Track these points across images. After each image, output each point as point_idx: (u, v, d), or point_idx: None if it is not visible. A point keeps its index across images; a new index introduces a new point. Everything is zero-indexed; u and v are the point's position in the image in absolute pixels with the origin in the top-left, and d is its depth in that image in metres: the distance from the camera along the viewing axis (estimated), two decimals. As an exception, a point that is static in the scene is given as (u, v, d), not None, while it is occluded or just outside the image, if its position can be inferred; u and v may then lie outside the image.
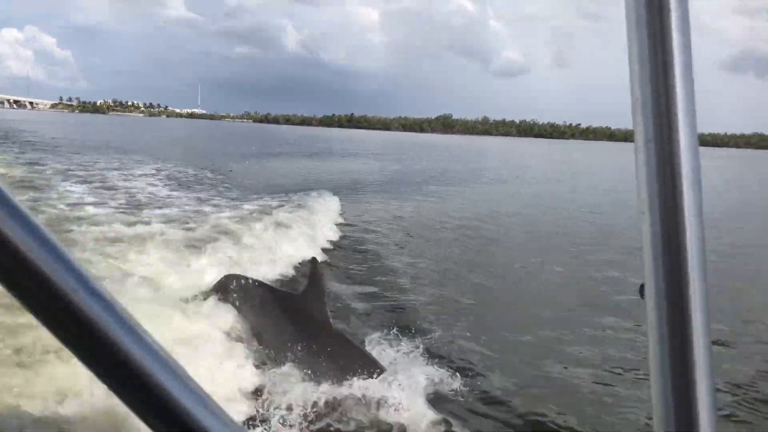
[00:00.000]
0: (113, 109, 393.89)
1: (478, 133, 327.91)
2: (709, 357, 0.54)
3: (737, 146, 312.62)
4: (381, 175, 35.25)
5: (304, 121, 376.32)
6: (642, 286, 0.56)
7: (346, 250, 13.39)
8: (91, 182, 20.74)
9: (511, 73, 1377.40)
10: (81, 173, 23.61)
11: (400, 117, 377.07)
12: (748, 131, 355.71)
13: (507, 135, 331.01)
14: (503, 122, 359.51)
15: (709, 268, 0.53)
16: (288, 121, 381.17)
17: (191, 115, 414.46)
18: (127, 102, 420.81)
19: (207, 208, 16.74)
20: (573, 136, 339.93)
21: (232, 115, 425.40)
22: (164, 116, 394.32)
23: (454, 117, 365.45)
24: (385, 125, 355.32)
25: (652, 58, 0.54)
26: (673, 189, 0.53)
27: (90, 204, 15.60)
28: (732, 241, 16.50)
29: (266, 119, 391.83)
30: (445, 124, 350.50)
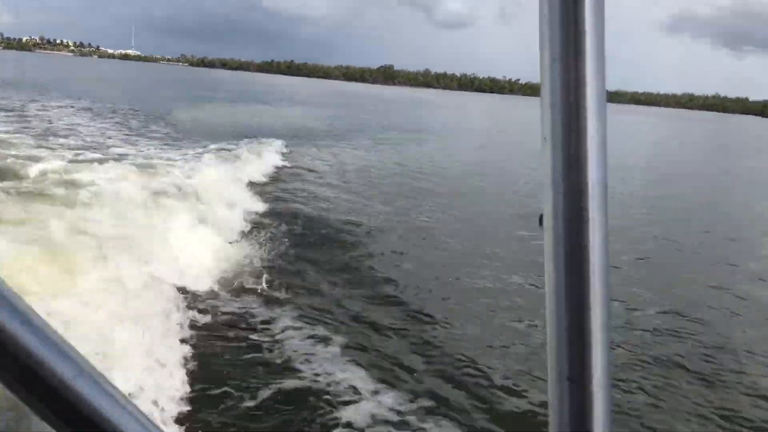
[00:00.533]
0: (41, 47, 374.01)
1: (419, 85, 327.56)
2: (607, 285, 0.54)
3: (668, 105, 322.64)
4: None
5: (241, 66, 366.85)
6: (541, 216, 0.55)
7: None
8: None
9: (454, 25, 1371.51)
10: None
11: (341, 66, 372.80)
12: (680, 92, 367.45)
13: (447, 88, 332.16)
14: (444, 75, 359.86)
15: (608, 195, 0.53)
16: (225, 65, 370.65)
17: (125, 57, 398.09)
18: (55, 40, 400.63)
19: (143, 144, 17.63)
20: (512, 91, 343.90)
21: (167, 57, 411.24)
22: (96, 56, 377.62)
23: (396, 68, 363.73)
24: (325, 73, 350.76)
25: None
26: (577, 111, 0.51)
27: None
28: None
29: (203, 63, 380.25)
30: (387, 75, 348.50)
